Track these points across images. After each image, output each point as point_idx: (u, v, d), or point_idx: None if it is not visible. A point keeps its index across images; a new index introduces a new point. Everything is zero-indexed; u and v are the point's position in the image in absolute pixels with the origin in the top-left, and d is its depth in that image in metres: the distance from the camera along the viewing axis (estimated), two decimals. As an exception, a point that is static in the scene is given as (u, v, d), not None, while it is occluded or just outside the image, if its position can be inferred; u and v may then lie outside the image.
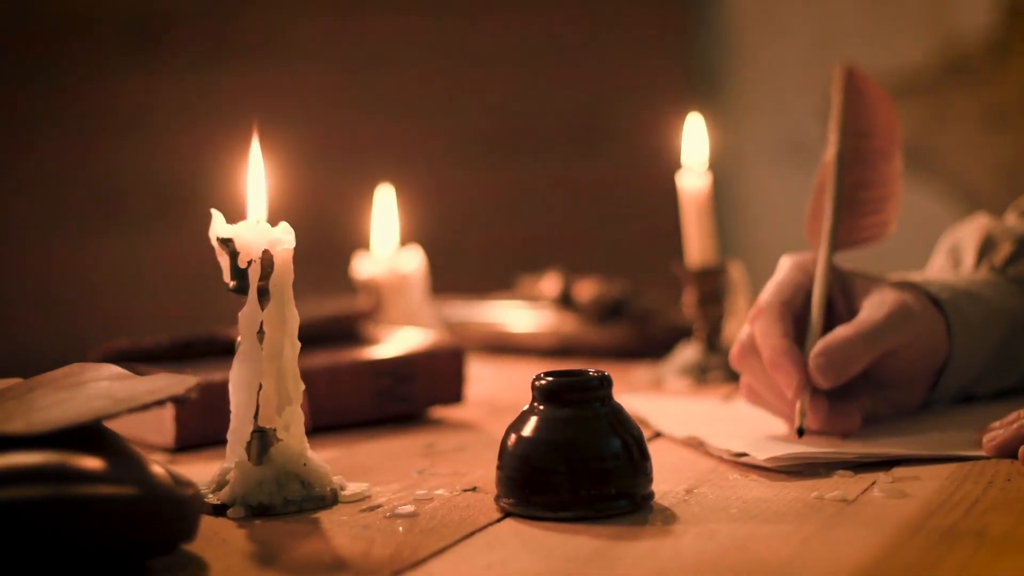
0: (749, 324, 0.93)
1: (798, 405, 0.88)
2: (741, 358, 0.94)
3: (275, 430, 0.77)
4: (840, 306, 0.95)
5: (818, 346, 0.89)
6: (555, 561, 0.66)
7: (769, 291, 0.94)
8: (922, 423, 0.92)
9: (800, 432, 0.87)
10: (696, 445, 0.90)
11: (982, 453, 0.82)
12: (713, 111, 1.42)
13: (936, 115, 2.55)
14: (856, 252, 0.98)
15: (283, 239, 0.77)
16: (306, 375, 0.80)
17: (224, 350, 0.86)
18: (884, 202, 0.98)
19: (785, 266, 0.96)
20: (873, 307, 0.92)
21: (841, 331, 0.90)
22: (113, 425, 0.69)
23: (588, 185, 2.66)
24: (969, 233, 1.04)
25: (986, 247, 1.02)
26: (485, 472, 0.82)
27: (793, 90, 2.64)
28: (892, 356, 0.92)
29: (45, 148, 2.70)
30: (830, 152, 0.98)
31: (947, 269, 1.04)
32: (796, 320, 0.93)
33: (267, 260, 0.76)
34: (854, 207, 0.97)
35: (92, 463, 0.63)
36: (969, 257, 1.02)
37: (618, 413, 0.75)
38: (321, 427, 0.99)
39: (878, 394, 0.94)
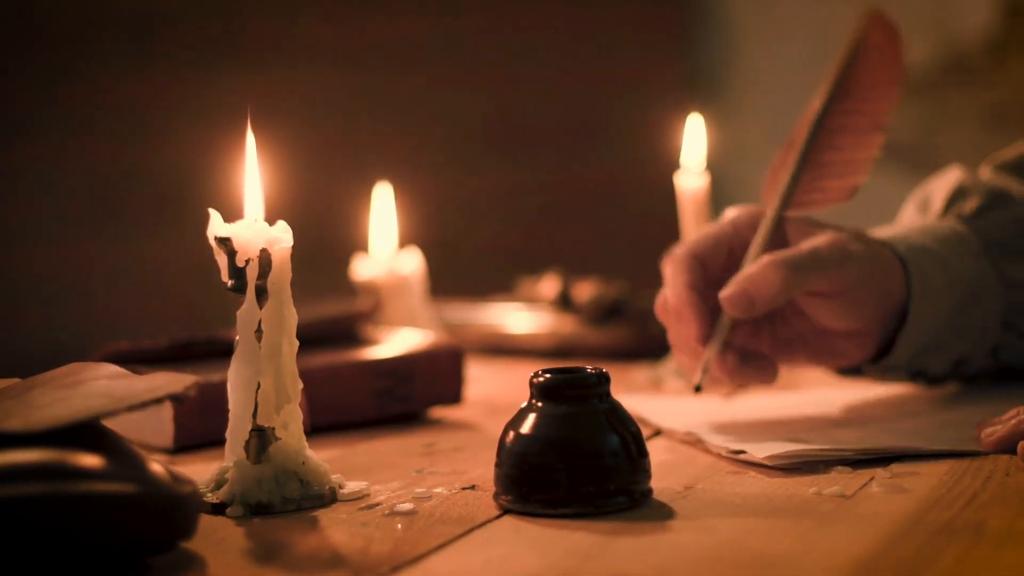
0: (662, 271, 0.93)
1: (702, 362, 0.87)
2: (660, 311, 0.94)
3: (273, 429, 0.77)
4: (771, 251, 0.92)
5: (734, 276, 0.88)
6: (553, 557, 0.66)
7: (687, 242, 0.94)
8: (921, 419, 0.92)
9: (697, 389, 0.88)
10: (694, 442, 0.90)
11: (981, 448, 0.82)
12: (713, 111, 1.42)
13: (936, 115, 2.55)
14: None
15: (281, 238, 0.77)
16: (305, 375, 0.80)
17: (223, 351, 0.86)
18: (852, 166, 0.95)
19: (723, 217, 0.94)
20: (802, 243, 0.90)
21: (758, 260, 0.89)
22: (112, 426, 0.69)
23: (587, 185, 2.67)
24: (941, 183, 1.02)
25: (956, 196, 1.00)
26: (484, 471, 0.82)
27: (793, 90, 2.64)
28: (833, 300, 0.89)
29: (45, 148, 2.70)
30: (812, 110, 0.95)
31: (915, 218, 1.02)
32: (710, 273, 0.91)
33: (265, 259, 0.76)
34: (819, 168, 0.94)
35: (91, 461, 0.63)
36: (937, 205, 1.00)
37: (616, 410, 0.75)
38: (320, 427, 0.99)
39: (820, 342, 0.92)
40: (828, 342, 0.92)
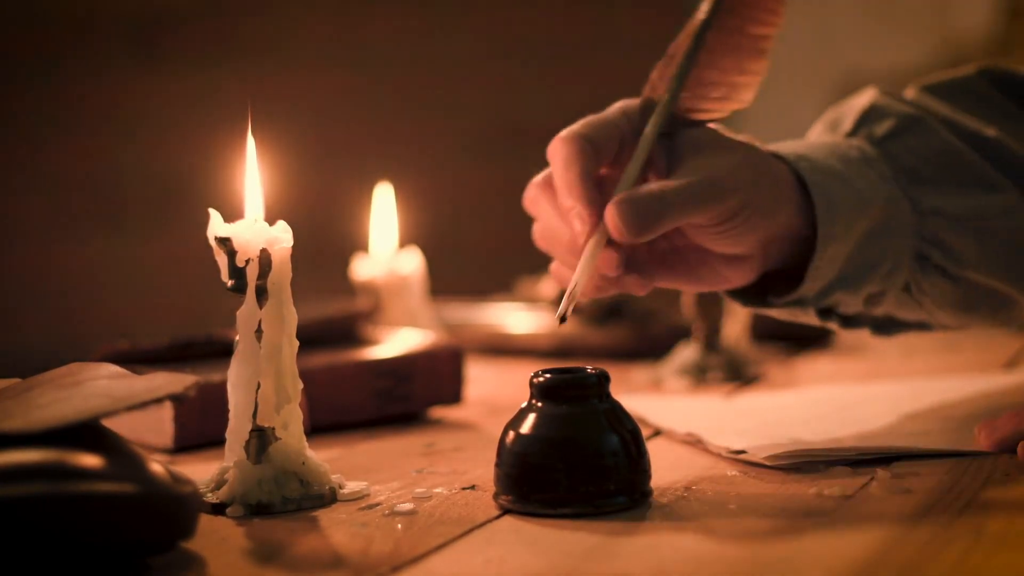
0: (549, 156, 0.82)
1: (571, 284, 0.79)
2: (535, 197, 0.84)
3: (273, 429, 0.77)
4: (659, 164, 0.84)
5: (622, 193, 0.80)
6: (553, 557, 0.66)
7: (579, 123, 0.83)
8: (921, 419, 0.92)
9: (562, 320, 0.79)
10: (695, 442, 0.90)
11: (981, 448, 0.82)
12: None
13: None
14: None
15: (281, 238, 0.77)
16: (305, 375, 0.80)
17: (223, 351, 0.86)
18: (735, 89, 0.86)
19: (613, 107, 0.85)
20: (696, 164, 0.82)
21: (652, 184, 0.81)
22: (112, 426, 0.69)
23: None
24: (854, 102, 0.95)
25: (868, 117, 0.93)
26: (484, 471, 0.82)
27: (793, 90, 2.65)
28: (713, 228, 0.82)
29: (46, 149, 2.70)
30: (697, 17, 0.86)
31: (824, 136, 0.94)
32: (603, 160, 0.83)
33: (265, 259, 0.76)
34: (703, 88, 0.86)
35: (91, 460, 0.63)
36: (847, 124, 0.93)
37: (616, 410, 0.75)
38: (321, 427, 0.99)
39: (700, 262, 0.85)
40: (708, 263, 0.85)
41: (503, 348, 1.43)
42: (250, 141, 0.80)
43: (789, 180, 0.85)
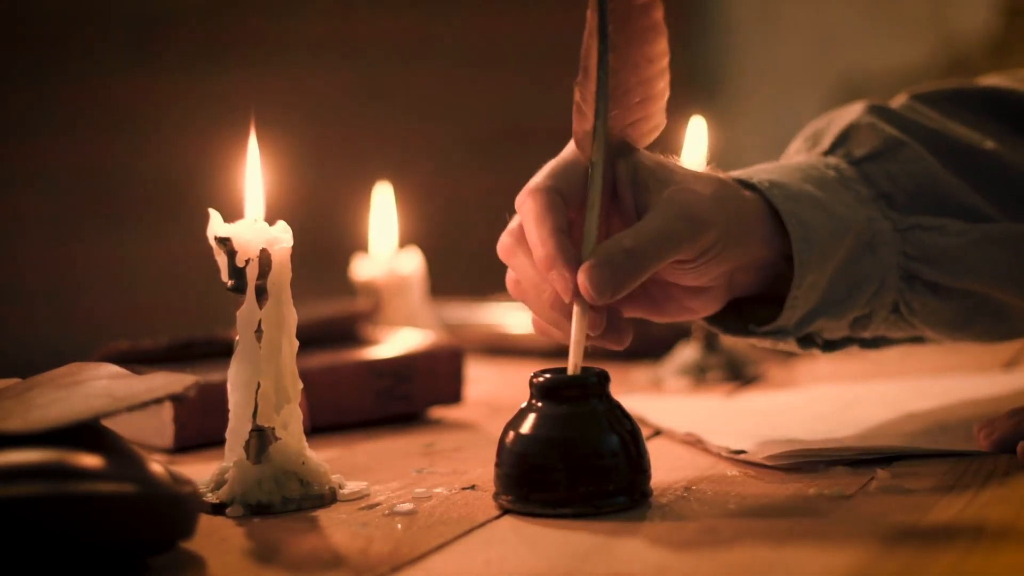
0: (518, 209, 0.79)
1: (573, 341, 0.76)
2: (510, 250, 0.80)
3: (274, 429, 0.77)
4: (627, 200, 0.80)
5: (591, 258, 0.76)
6: (553, 557, 0.66)
7: (543, 173, 0.79)
8: (921, 419, 0.92)
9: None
10: (694, 442, 0.90)
11: (981, 448, 0.82)
12: (713, 112, 1.42)
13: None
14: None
15: (281, 238, 0.77)
16: (305, 375, 0.80)
17: (223, 351, 0.86)
18: (651, 86, 0.79)
19: (568, 147, 0.80)
20: (662, 209, 0.78)
21: (619, 239, 0.77)
22: (112, 426, 0.69)
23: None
24: (836, 117, 0.91)
25: (848, 135, 0.89)
26: (484, 471, 0.82)
27: (793, 91, 2.65)
28: (682, 264, 0.79)
29: (46, 148, 2.70)
30: (592, 17, 0.78)
31: (801, 153, 0.91)
32: (573, 208, 0.79)
33: (265, 259, 0.76)
34: (624, 95, 0.79)
35: (91, 461, 0.63)
36: (826, 141, 0.89)
37: (616, 410, 0.75)
38: (321, 427, 0.99)
39: (663, 295, 0.83)
40: (671, 295, 0.83)
41: (503, 348, 1.43)
42: (250, 141, 0.80)
43: (759, 209, 0.82)
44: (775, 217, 0.82)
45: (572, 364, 0.76)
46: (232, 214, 0.78)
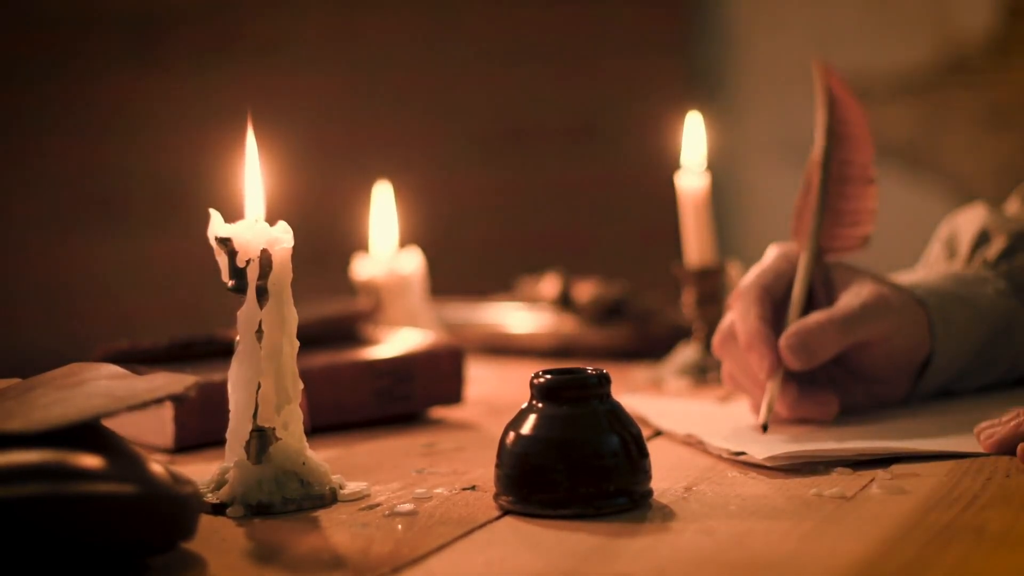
0: (729, 308, 0.95)
1: (766, 399, 0.89)
2: (722, 344, 0.95)
3: (274, 429, 0.77)
4: (820, 296, 0.96)
5: (791, 328, 0.91)
6: (554, 558, 0.66)
7: (751, 275, 0.96)
8: (921, 420, 0.92)
9: (764, 428, 0.88)
10: (695, 444, 0.90)
11: (981, 450, 0.82)
12: (713, 111, 1.42)
13: (936, 115, 2.55)
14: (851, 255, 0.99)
15: (281, 238, 0.77)
16: (306, 375, 0.80)
17: (223, 351, 0.86)
18: (861, 215, 0.98)
19: (771, 254, 0.97)
20: (850, 296, 0.93)
21: (815, 316, 0.92)
22: (112, 426, 0.69)
23: (587, 185, 2.66)
24: (966, 224, 1.05)
25: (980, 240, 1.03)
26: (484, 471, 0.82)
27: (793, 89, 2.64)
28: (871, 348, 0.93)
29: (46, 149, 2.70)
30: (816, 151, 0.99)
31: (942, 260, 1.05)
32: (776, 307, 0.94)
33: (265, 259, 0.76)
34: (835, 216, 0.98)
35: (91, 461, 0.63)
36: (963, 249, 1.03)
37: (616, 411, 0.75)
38: (321, 427, 0.99)
39: (859, 387, 0.95)
40: (866, 387, 0.95)
41: (503, 348, 1.43)
42: (251, 141, 0.80)
43: (920, 308, 0.95)
44: (927, 312, 0.95)
45: (764, 412, 0.88)
46: (232, 214, 0.78)
